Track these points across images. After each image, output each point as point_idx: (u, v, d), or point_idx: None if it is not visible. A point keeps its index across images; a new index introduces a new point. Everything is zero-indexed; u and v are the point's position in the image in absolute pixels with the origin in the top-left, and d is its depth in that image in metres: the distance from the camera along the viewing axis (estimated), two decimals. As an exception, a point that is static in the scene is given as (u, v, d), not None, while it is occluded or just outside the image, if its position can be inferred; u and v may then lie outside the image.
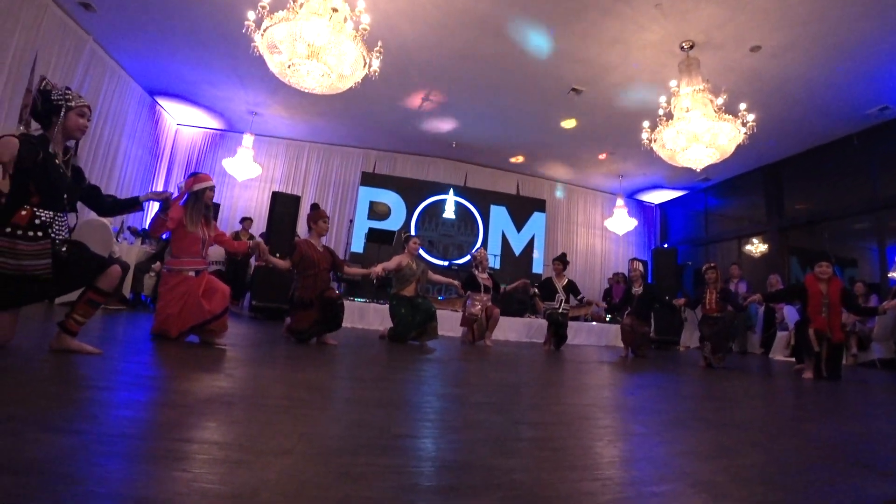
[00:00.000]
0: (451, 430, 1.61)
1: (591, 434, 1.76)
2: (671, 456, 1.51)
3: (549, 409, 2.20)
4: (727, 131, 5.88)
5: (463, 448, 1.40)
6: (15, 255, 2.14)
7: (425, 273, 5.50)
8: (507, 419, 1.87)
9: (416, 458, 1.26)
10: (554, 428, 1.78)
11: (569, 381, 3.41)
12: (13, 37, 6.10)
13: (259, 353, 3.26)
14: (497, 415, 1.94)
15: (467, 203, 11.26)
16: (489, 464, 1.25)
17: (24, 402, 1.42)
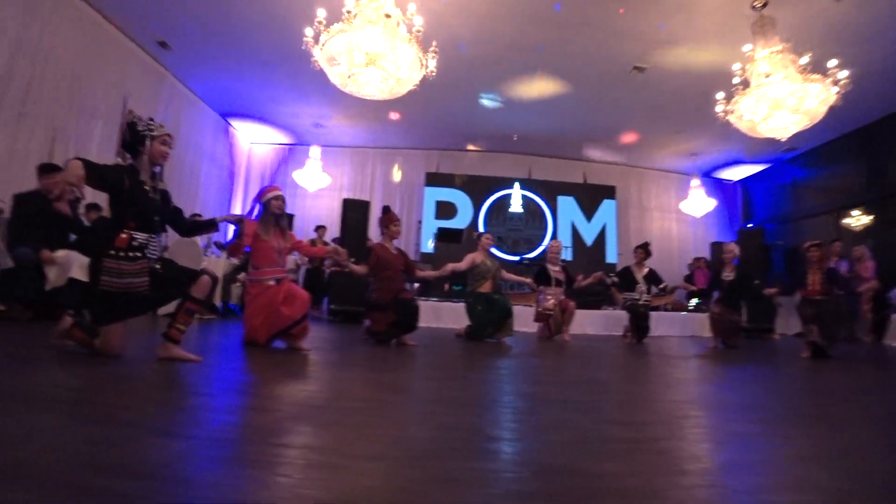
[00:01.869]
0: (541, 431, 1.56)
1: (693, 434, 1.63)
2: (786, 460, 1.36)
3: (641, 408, 2.08)
4: (816, 93, 5.31)
5: (556, 450, 1.34)
6: (120, 274, 2.35)
7: (499, 270, 5.43)
8: (597, 419, 1.79)
9: (509, 462, 1.22)
10: (650, 428, 1.67)
11: (657, 375, 3.22)
12: (105, 81, 6.84)
13: (342, 357, 3.36)
14: (586, 414, 1.85)
15: (534, 196, 11.02)
16: (587, 468, 1.18)
17: (140, 409, 1.53)
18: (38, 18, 5.79)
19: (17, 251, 3.93)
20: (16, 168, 5.53)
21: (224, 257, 7.00)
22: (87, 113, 6.64)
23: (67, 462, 1.02)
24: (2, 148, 5.51)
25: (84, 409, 1.47)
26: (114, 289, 2.35)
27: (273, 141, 11.28)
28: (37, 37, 5.81)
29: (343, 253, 3.93)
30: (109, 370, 2.13)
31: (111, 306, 2.39)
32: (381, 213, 4.62)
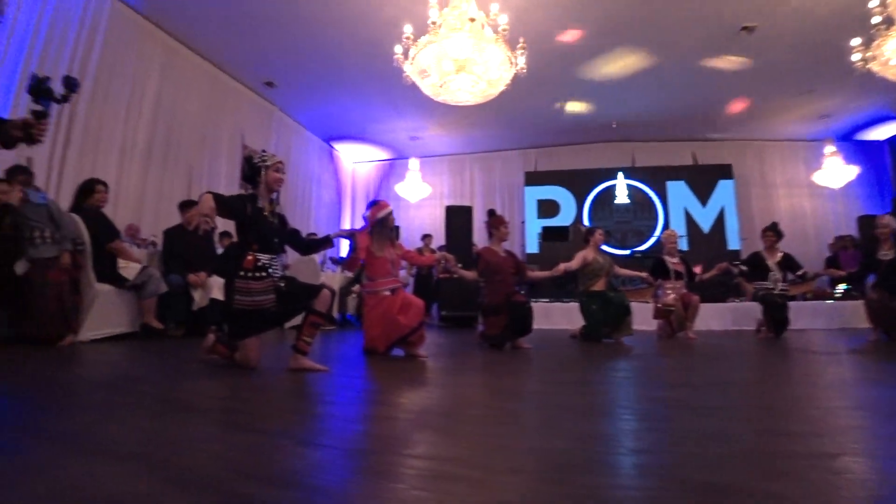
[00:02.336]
0: (687, 443, 1.37)
1: (874, 450, 1.33)
2: None
3: (800, 415, 1.78)
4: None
5: (713, 466, 1.16)
6: (249, 293, 2.57)
7: (612, 266, 5.13)
8: (751, 428, 1.54)
9: (661, 478, 1.08)
10: (820, 441, 1.39)
11: (806, 376, 2.77)
12: (225, 123, 7.74)
13: (459, 362, 3.35)
14: (736, 422, 1.62)
15: (640, 184, 10.30)
16: (755, 487, 1.01)
17: (277, 418, 1.62)
18: (170, 78, 6.69)
19: (169, 278, 4.49)
20: (164, 207, 6.38)
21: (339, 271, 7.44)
22: (214, 152, 7.50)
23: (223, 469, 1.08)
24: (152, 190, 6.40)
25: (232, 418, 1.58)
26: (245, 306, 2.57)
27: (374, 158, 11.84)
28: (171, 93, 6.71)
29: (451, 259, 3.95)
30: (249, 381, 2.31)
31: (245, 322, 2.61)
32: (486, 217, 4.58)
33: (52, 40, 5.21)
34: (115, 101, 5.91)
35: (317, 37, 6.72)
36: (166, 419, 1.54)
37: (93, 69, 5.58)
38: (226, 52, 7.18)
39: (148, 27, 6.36)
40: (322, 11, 6.18)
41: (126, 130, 6.06)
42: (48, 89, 1.93)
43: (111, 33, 5.79)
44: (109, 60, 5.79)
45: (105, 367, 2.76)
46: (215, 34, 6.72)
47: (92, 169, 5.41)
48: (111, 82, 5.84)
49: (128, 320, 4.20)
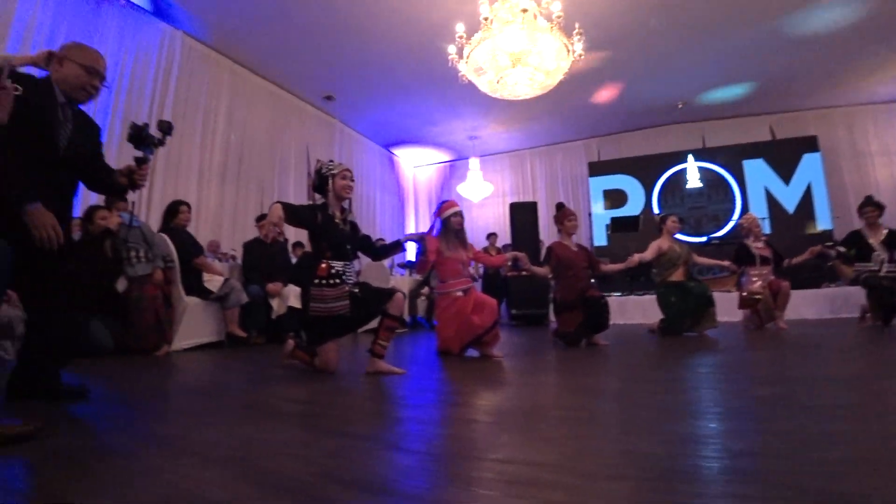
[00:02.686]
0: (804, 446, 1.23)
1: None
2: None
3: None
4: None
5: (832, 472, 1.02)
6: (324, 300, 2.64)
7: (690, 254, 4.83)
8: (870, 430, 1.36)
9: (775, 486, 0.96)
10: None
11: None
12: (291, 138, 8.13)
13: (535, 362, 3.27)
14: (851, 423, 1.44)
15: (713, 166, 9.65)
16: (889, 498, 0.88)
17: (361, 422, 1.63)
18: (240, 101, 7.14)
19: (249, 288, 4.73)
20: (240, 221, 6.80)
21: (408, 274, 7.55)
22: (282, 168, 7.89)
23: (314, 474, 1.10)
24: (228, 207, 6.83)
25: (318, 423, 1.61)
26: (321, 313, 2.63)
27: (433, 161, 11.94)
28: (242, 115, 7.14)
29: (524, 258, 3.86)
30: (330, 385, 2.37)
31: (322, 329, 2.69)
32: (554, 211, 4.45)
33: (135, 80, 5.72)
34: (192, 129, 6.37)
35: (370, 47, 6.86)
36: (256, 424, 1.60)
37: (170, 101, 6.07)
38: (287, 71, 7.52)
39: (216, 57, 6.81)
40: (374, 23, 6.30)
41: (202, 154, 6.52)
42: (147, 136, 2.09)
43: (184, 67, 6.27)
44: (184, 92, 6.26)
45: (197, 375, 2.94)
46: (277, 56, 7.06)
47: (175, 191, 5.86)
48: (186, 111, 6.30)
49: (214, 330, 4.48)
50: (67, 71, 1.91)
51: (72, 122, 1.97)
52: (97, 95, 2.04)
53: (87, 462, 1.22)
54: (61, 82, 1.92)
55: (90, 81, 1.96)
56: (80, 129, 2.00)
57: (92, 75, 1.96)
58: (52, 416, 1.70)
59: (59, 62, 1.91)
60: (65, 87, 1.93)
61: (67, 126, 1.95)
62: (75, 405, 1.92)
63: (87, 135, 2.05)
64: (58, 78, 1.91)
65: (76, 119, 2.00)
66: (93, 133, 2.12)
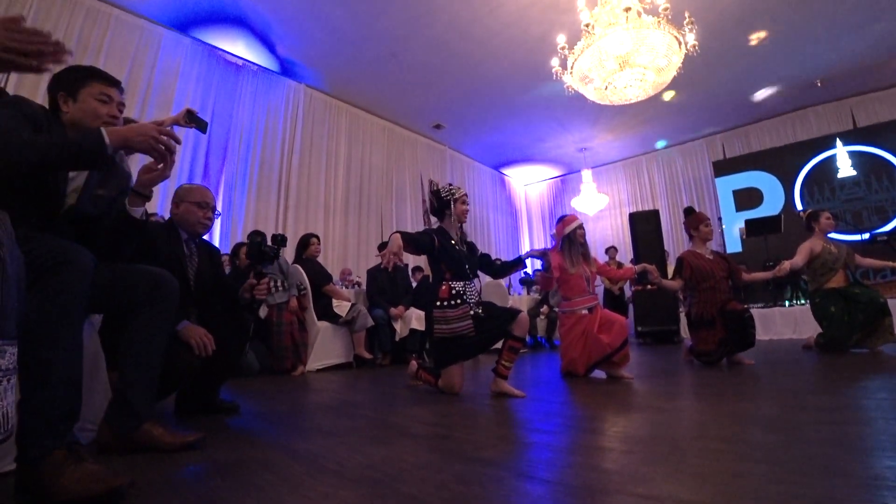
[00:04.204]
0: None
1: None
2: None
3: None
4: None
5: None
6: (447, 321, 2.67)
7: (851, 255, 4.14)
8: None
9: None
10: None
11: None
12: (405, 169, 8.66)
13: (670, 383, 2.97)
14: None
15: (869, 148, 8.11)
16: None
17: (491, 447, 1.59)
18: (356, 140, 7.83)
19: (374, 312, 5.00)
20: (363, 250, 7.34)
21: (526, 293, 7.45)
22: (399, 196, 8.37)
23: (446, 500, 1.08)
24: (352, 236, 7.41)
25: (447, 445, 1.60)
26: (445, 334, 2.66)
27: (544, 177, 11.81)
28: (358, 152, 7.77)
29: (653, 269, 3.59)
30: (455, 407, 2.37)
31: (446, 350, 2.71)
32: (684, 217, 4.09)
33: (268, 131, 6.54)
34: (317, 168, 7.06)
35: (474, 73, 7.04)
36: (386, 444, 1.64)
37: (298, 146, 6.81)
38: (398, 107, 8.04)
39: (335, 103, 7.56)
40: (476, 48, 6.46)
41: (327, 190, 7.17)
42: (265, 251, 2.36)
43: (307, 115, 7.04)
44: (308, 137, 7.01)
45: (330, 394, 3.13)
46: (388, 95, 7.61)
47: (305, 225, 6.50)
48: (311, 153, 7.01)
49: (343, 352, 4.80)
50: (184, 210, 2.24)
51: (197, 255, 2.30)
52: (212, 224, 2.35)
53: (240, 473, 1.34)
54: (182, 222, 2.25)
55: (205, 215, 2.26)
56: (204, 260, 2.33)
57: (204, 209, 2.26)
58: (212, 429, 1.92)
59: (175, 205, 2.26)
60: (185, 226, 2.25)
61: (194, 259, 2.28)
62: (230, 420, 2.15)
63: (211, 263, 2.38)
64: (178, 219, 2.25)
65: (200, 251, 2.33)
66: (214, 259, 2.43)
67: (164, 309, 1.62)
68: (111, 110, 1.65)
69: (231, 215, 5.95)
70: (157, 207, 4.73)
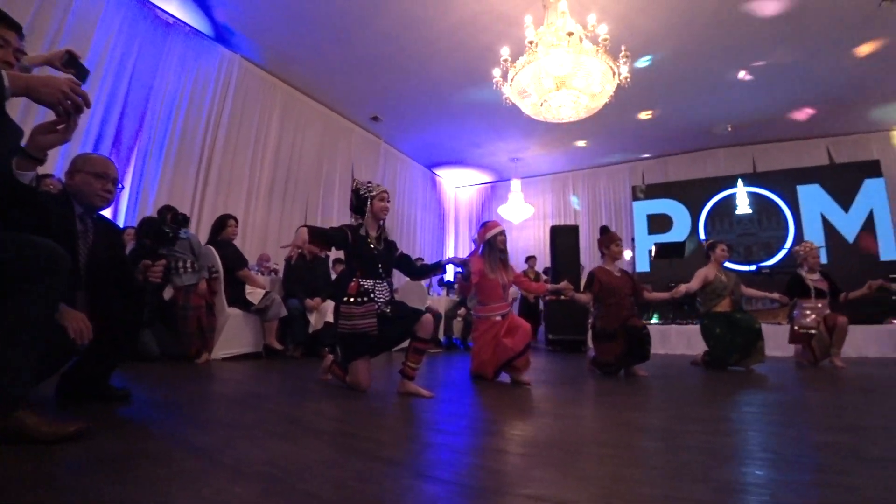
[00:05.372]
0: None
1: None
2: None
3: None
4: None
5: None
6: (350, 317, 2.66)
7: (738, 285, 4.63)
8: None
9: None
10: None
11: None
12: (337, 158, 8.37)
13: (572, 391, 3.16)
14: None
15: (764, 191, 9.22)
16: None
17: (393, 445, 1.61)
18: (289, 122, 7.45)
19: (289, 302, 4.84)
20: (285, 238, 7.00)
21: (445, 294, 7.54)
22: (328, 186, 8.12)
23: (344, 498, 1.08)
24: (275, 222, 7.07)
25: (350, 443, 1.60)
26: (347, 330, 2.66)
27: (475, 182, 12.03)
28: (289, 136, 7.44)
29: (568, 287, 3.78)
30: (363, 404, 2.36)
31: (350, 346, 2.70)
32: (599, 235, 4.35)
33: (194, 101, 6.08)
34: (244, 146, 6.67)
35: (417, 71, 7.03)
36: (289, 439, 1.61)
37: (225, 120, 6.40)
38: (337, 93, 7.79)
39: (269, 79, 7.15)
40: (422, 47, 6.46)
41: (252, 170, 6.81)
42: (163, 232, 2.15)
43: (240, 89, 6.62)
44: (238, 112, 6.59)
45: (235, 385, 3.00)
46: (328, 79, 7.34)
47: (225, 206, 6.13)
48: (240, 130, 6.62)
49: (253, 341, 4.60)
50: (80, 181, 2.01)
51: (93, 233, 2.07)
52: (112, 197, 2.12)
53: (128, 467, 1.25)
54: (77, 194, 2.02)
55: (103, 187, 2.04)
56: (101, 238, 2.10)
57: (104, 181, 2.04)
58: (99, 418, 1.76)
59: (71, 175, 2.03)
60: (80, 198, 2.02)
61: (88, 236, 2.05)
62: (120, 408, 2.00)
63: (108, 241, 2.15)
64: (73, 190, 2.02)
65: (96, 228, 2.10)
66: (113, 238, 2.21)
67: (52, 285, 1.45)
68: (5, 55, 1.47)
69: (142, 187, 5.48)
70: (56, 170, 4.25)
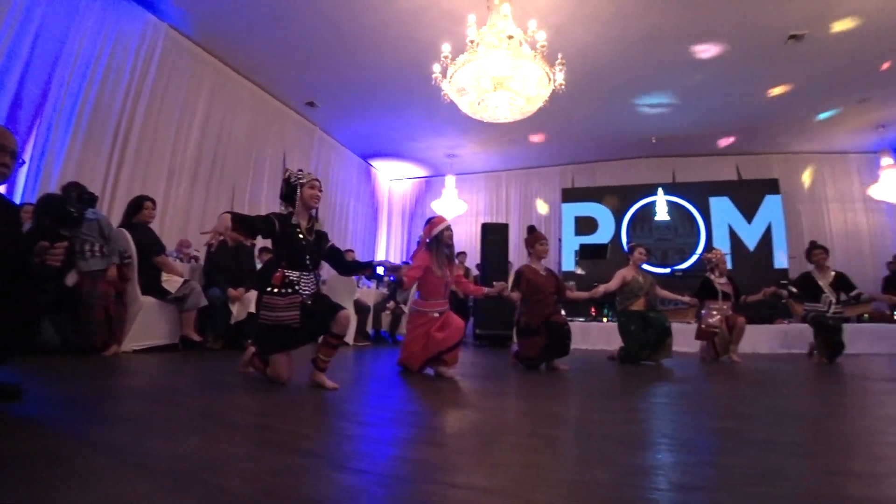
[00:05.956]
0: (745, 481, 1.26)
1: None
2: None
3: (865, 453, 1.63)
4: None
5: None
6: (273, 308, 2.58)
7: (653, 286, 4.98)
8: (814, 466, 1.41)
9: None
10: (888, 483, 1.27)
11: (870, 407, 2.56)
12: (269, 142, 8.00)
13: (496, 385, 3.26)
14: (797, 459, 1.49)
15: (681, 200, 10.03)
16: None
17: (312, 438, 1.60)
18: (218, 101, 7.01)
19: (210, 291, 4.61)
20: (208, 223, 6.61)
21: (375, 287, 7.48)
22: (258, 171, 7.76)
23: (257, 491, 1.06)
24: (197, 208, 6.66)
25: (267, 436, 1.57)
26: (269, 321, 2.58)
27: (410, 175, 11.99)
28: (219, 115, 7.01)
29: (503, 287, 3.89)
30: (284, 397, 2.31)
31: (271, 338, 2.62)
32: (526, 234, 4.51)
33: (112, 69, 5.56)
34: (166, 123, 6.21)
35: (358, 59, 6.90)
36: (204, 434, 1.55)
37: (147, 93, 5.91)
38: (272, 75, 7.46)
39: (199, 53, 6.69)
40: (364, 35, 6.34)
41: (175, 151, 6.36)
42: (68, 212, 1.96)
43: (165, 60, 6.13)
44: (162, 85, 6.12)
45: (147, 378, 2.83)
46: (263, 59, 7.00)
47: (142, 187, 5.69)
48: (163, 106, 6.15)
49: (168, 332, 4.31)
50: None
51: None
52: (10, 172, 1.95)
53: (23, 469, 1.15)
54: None
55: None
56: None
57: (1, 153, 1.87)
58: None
59: None
60: None
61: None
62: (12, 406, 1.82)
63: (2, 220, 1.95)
64: None
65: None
66: (8, 216, 2.00)
67: None
68: None
69: (45, 161, 4.96)
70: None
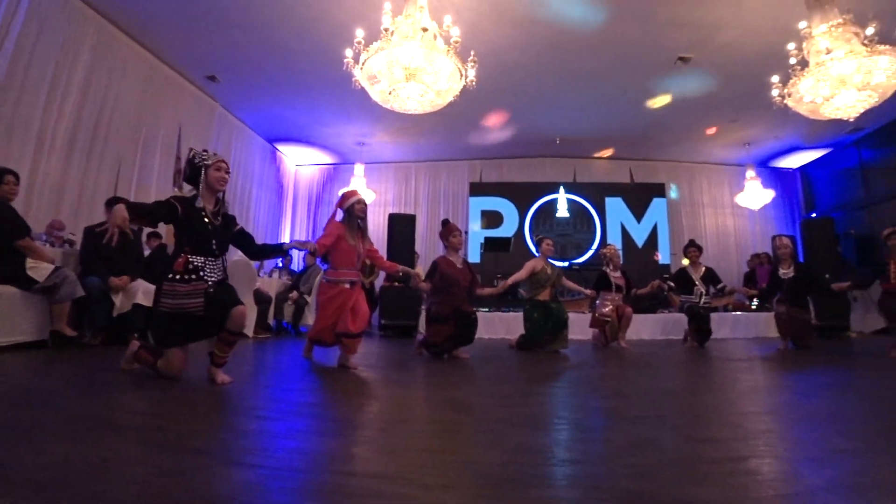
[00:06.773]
0: (620, 452, 1.43)
1: (783, 452, 1.47)
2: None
3: (720, 421, 1.91)
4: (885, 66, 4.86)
5: (642, 474, 1.22)
6: (174, 295, 2.43)
7: (560, 277, 5.31)
8: (678, 435, 1.65)
9: (595, 490, 1.12)
10: (737, 445, 1.51)
11: (729, 383, 3.00)
12: (162, 117, 7.28)
13: (399, 374, 3.32)
14: (665, 430, 1.72)
15: (580, 199, 10.76)
16: (681, 495, 1.07)
17: (204, 435, 1.54)
18: (102, 63, 6.19)
19: (88, 280, 4.15)
20: (86, 203, 5.92)
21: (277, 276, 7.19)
22: (147, 146, 7.03)
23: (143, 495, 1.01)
24: (73, 184, 5.89)
25: (155, 436, 1.48)
26: (170, 309, 2.43)
27: (318, 161, 11.59)
28: (104, 80, 6.22)
29: (417, 275, 3.94)
30: (174, 394, 2.18)
31: (170, 328, 2.47)
32: (434, 225, 4.61)
33: None
34: (35, 84, 5.39)
35: (266, 35, 6.51)
36: (82, 439, 1.41)
37: (10, 47, 5.09)
38: (168, 41, 6.75)
39: (80, 6, 5.87)
40: (273, 10, 5.99)
41: (46, 116, 5.54)
42: None
43: (35, 8, 5.29)
44: (31, 38, 5.29)
45: (9, 380, 2.52)
46: (159, 22, 6.30)
47: (3, 157, 4.93)
48: (32, 63, 5.33)
49: (36, 327, 3.81)
50: None
51: None
52: None
53: None
54: None
55: None
56: None
57: None
58: None
59: None
60: None
61: None
62: None
63: None
64: None
65: None
66: None
67: None
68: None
69: None
70: None
